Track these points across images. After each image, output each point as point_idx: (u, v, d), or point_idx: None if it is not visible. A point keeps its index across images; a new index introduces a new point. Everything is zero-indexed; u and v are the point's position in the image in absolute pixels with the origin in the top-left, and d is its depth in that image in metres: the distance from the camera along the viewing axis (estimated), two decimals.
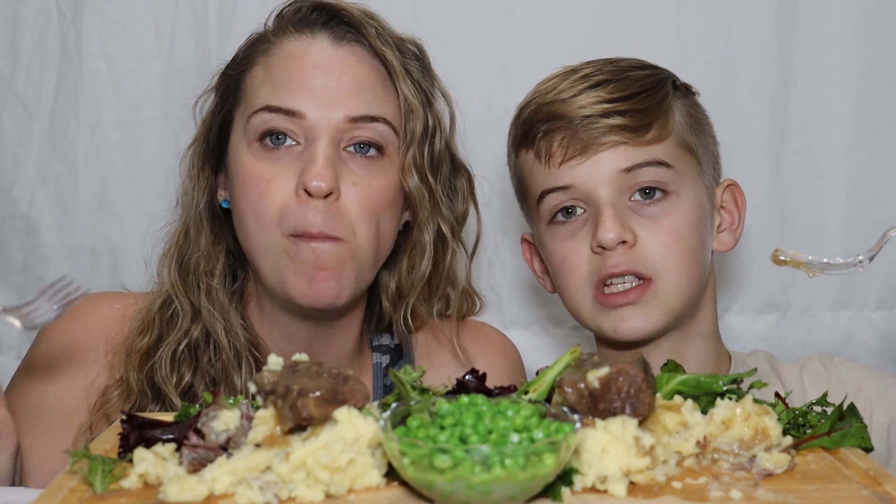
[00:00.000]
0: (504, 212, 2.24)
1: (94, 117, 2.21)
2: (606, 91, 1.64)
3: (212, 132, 1.70)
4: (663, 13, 2.23)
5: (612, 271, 1.62)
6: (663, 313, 1.65)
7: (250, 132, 1.61)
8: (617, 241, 1.61)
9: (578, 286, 1.68)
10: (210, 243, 1.69)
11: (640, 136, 1.63)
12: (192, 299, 1.67)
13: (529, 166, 1.71)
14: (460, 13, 2.22)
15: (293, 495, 1.06)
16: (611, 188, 1.63)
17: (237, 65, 1.70)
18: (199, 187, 1.70)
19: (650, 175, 1.64)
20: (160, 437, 1.15)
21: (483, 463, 0.98)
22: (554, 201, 1.67)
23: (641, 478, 1.09)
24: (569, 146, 1.63)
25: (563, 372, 1.19)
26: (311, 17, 1.66)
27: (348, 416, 1.08)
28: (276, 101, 1.60)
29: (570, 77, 1.68)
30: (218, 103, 1.70)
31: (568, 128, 1.64)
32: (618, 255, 1.62)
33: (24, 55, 2.21)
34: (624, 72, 1.68)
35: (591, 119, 1.62)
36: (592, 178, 1.63)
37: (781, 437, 1.18)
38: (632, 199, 1.64)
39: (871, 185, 2.26)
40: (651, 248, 1.63)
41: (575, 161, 1.63)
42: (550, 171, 1.66)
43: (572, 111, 1.64)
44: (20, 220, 2.24)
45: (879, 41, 2.23)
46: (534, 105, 1.69)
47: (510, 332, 2.10)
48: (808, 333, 2.31)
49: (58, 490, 1.08)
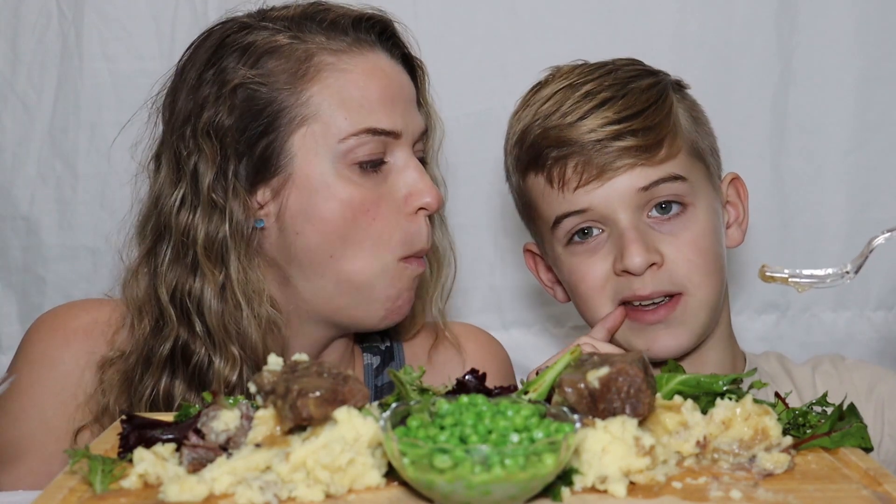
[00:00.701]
0: (504, 212, 2.24)
1: (94, 117, 2.21)
2: (613, 111, 1.62)
3: (241, 152, 1.55)
4: (663, 13, 2.23)
5: (638, 294, 1.61)
6: (696, 328, 1.64)
7: (344, 157, 1.54)
8: (645, 267, 1.59)
9: (603, 305, 1.66)
10: (259, 270, 1.57)
11: (653, 155, 1.61)
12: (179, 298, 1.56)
13: (540, 191, 1.68)
14: (460, 13, 2.22)
15: (293, 495, 1.06)
16: (629, 209, 1.61)
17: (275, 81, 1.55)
18: (235, 211, 1.54)
19: (667, 191, 1.62)
20: (160, 437, 1.15)
21: (483, 463, 0.98)
22: (570, 224, 1.65)
23: (641, 478, 1.09)
24: (584, 172, 1.61)
25: (563, 372, 1.19)
26: (360, 29, 1.61)
27: (348, 416, 1.08)
28: (376, 122, 1.55)
29: (573, 95, 1.65)
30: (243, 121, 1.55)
31: (580, 153, 1.61)
32: (644, 279, 1.61)
33: (24, 55, 2.21)
34: (625, 84, 1.65)
35: (603, 143, 1.60)
36: (610, 201, 1.61)
37: (781, 437, 1.18)
38: (649, 216, 1.63)
39: (871, 185, 2.26)
40: (677, 265, 1.62)
41: (591, 186, 1.61)
42: (565, 196, 1.63)
43: (582, 136, 1.61)
44: (20, 220, 2.24)
45: (879, 41, 2.23)
46: (538, 128, 1.66)
47: (510, 332, 2.11)
48: (808, 333, 2.32)
49: (58, 490, 1.08)
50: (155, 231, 1.59)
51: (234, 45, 1.58)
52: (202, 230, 1.53)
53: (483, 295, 2.30)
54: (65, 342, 1.63)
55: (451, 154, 2.02)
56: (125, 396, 1.57)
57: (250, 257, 1.56)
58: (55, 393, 1.60)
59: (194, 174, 1.55)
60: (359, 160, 1.55)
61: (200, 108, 1.55)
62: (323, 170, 1.55)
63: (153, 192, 1.61)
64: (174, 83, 1.63)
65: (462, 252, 2.13)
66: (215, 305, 1.54)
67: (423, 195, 1.58)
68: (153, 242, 1.59)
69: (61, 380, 1.61)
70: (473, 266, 2.27)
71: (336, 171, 1.55)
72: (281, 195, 1.56)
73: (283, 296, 1.60)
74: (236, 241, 1.54)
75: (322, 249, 1.55)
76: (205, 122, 1.54)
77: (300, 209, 1.55)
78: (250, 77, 1.55)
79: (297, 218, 1.55)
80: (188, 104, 1.57)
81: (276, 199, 1.56)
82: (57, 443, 1.58)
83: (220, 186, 1.54)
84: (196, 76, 1.59)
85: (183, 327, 1.55)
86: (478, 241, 2.27)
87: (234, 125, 1.54)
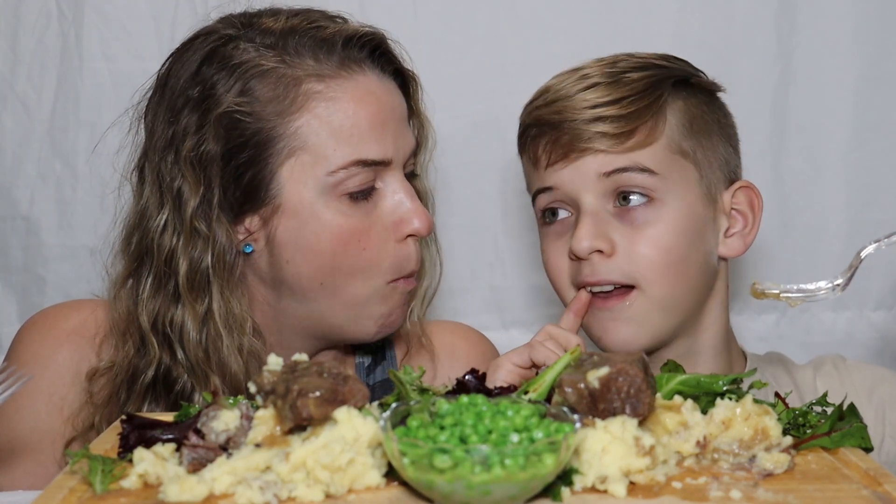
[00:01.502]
0: (505, 212, 2.24)
1: (94, 117, 2.21)
2: (597, 95, 1.63)
3: (227, 182, 1.52)
4: (663, 13, 2.23)
5: (586, 280, 1.62)
6: (648, 326, 1.63)
7: (334, 189, 1.52)
8: (589, 251, 1.60)
9: (565, 288, 1.68)
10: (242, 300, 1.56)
11: (621, 142, 1.61)
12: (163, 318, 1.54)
13: (526, 170, 1.74)
14: (460, 13, 2.22)
15: (293, 495, 1.06)
16: (592, 193, 1.62)
17: (260, 109, 1.51)
18: (219, 238, 1.52)
19: (631, 181, 1.61)
20: (160, 437, 1.15)
21: (483, 463, 0.98)
22: (543, 202, 1.68)
23: (641, 478, 1.09)
24: (552, 151, 1.64)
25: (563, 372, 1.19)
26: (351, 51, 1.56)
27: (348, 416, 1.08)
28: (366, 153, 1.52)
29: (572, 77, 1.68)
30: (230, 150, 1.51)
31: (554, 132, 1.64)
32: (593, 264, 1.61)
33: (24, 55, 2.21)
34: (622, 73, 1.66)
35: (577, 124, 1.61)
36: (574, 182, 1.63)
37: (781, 437, 1.18)
38: (615, 206, 1.63)
39: (871, 185, 2.27)
40: (631, 258, 1.61)
41: (559, 165, 1.63)
42: (539, 173, 1.67)
43: (560, 115, 1.64)
44: (20, 220, 2.24)
45: (878, 41, 2.23)
46: (529, 108, 1.70)
47: (510, 332, 2.11)
48: (808, 333, 2.32)
49: (58, 490, 1.08)
50: (138, 251, 1.57)
51: (220, 62, 1.53)
52: (185, 260, 1.51)
53: (483, 295, 2.30)
54: (56, 343, 1.62)
55: (452, 154, 2.02)
56: (114, 413, 1.55)
57: (233, 287, 1.54)
58: (48, 394, 1.60)
59: (177, 199, 1.52)
60: (349, 191, 1.53)
61: (184, 132, 1.52)
62: (312, 200, 1.52)
63: (138, 208, 1.59)
64: (156, 95, 1.59)
65: (462, 252, 2.13)
66: (195, 336, 1.52)
67: (413, 222, 1.57)
68: (136, 263, 1.57)
69: (54, 380, 1.60)
70: (473, 266, 2.27)
71: (325, 202, 1.52)
72: (270, 224, 1.54)
73: (273, 312, 1.60)
74: (219, 271, 1.52)
75: (313, 278, 1.55)
76: (188, 149, 1.51)
77: (290, 239, 1.53)
78: (236, 104, 1.50)
79: (287, 247, 1.54)
80: (171, 125, 1.54)
81: (265, 227, 1.54)
82: (51, 444, 1.58)
83: (205, 214, 1.51)
84: (180, 92, 1.55)
85: (165, 354, 1.54)
86: (478, 241, 2.27)
87: (219, 154, 1.51)
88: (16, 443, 1.59)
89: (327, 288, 1.55)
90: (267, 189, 1.52)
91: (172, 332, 1.53)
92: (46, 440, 1.58)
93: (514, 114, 2.16)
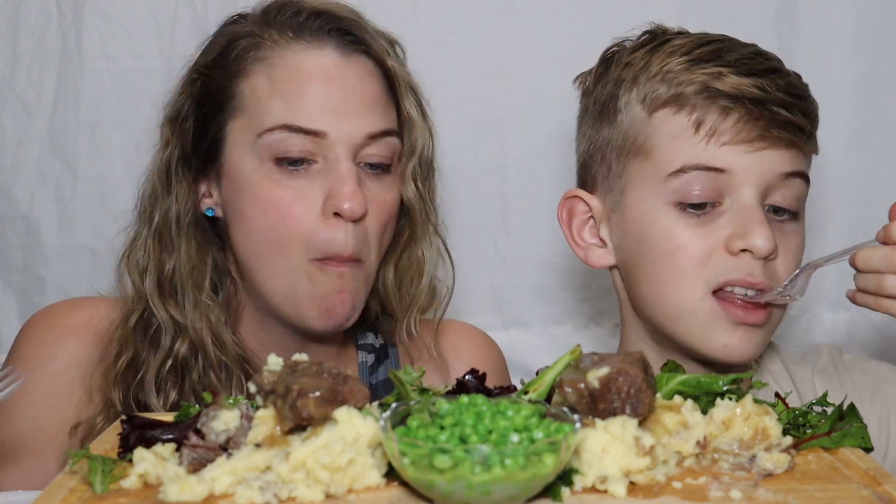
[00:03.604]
0: (504, 213, 2.24)
1: (95, 117, 2.21)
2: (786, 82, 1.51)
3: (194, 139, 1.60)
4: (663, 13, 2.21)
5: (747, 279, 1.48)
6: (768, 339, 1.56)
7: (262, 151, 1.54)
8: (769, 252, 1.47)
9: (694, 283, 1.50)
10: (197, 254, 1.60)
11: (808, 143, 1.52)
12: (175, 314, 1.59)
13: (676, 132, 1.51)
14: (460, 13, 2.22)
15: (293, 495, 1.06)
16: (763, 189, 1.49)
17: (224, 69, 1.59)
18: (180, 195, 1.60)
19: (797, 189, 1.52)
20: (160, 438, 1.15)
21: (483, 463, 0.98)
22: (696, 181, 1.49)
23: (641, 478, 1.09)
24: (742, 129, 1.47)
25: (563, 372, 1.19)
26: (312, 24, 1.58)
27: (348, 416, 1.08)
28: (295, 119, 1.52)
29: (735, 51, 1.53)
30: (198, 108, 1.60)
31: (744, 109, 1.48)
32: (758, 265, 1.48)
33: (24, 55, 2.21)
34: (782, 63, 1.57)
35: (770, 107, 1.48)
36: (751, 172, 1.48)
37: (781, 437, 1.18)
38: (767, 209, 1.52)
39: (871, 185, 2.26)
40: (780, 268, 1.51)
41: (742, 148, 1.48)
42: (707, 148, 1.48)
43: (750, 91, 1.48)
44: (20, 220, 2.24)
45: (878, 41, 2.23)
46: (694, 68, 1.52)
47: (510, 332, 2.11)
48: (808, 333, 2.32)
49: (58, 490, 1.08)
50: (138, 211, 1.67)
51: (218, 33, 1.65)
52: (157, 213, 1.61)
53: (483, 295, 2.30)
54: (59, 340, 1.62)
55: (452, 154, 2.02)
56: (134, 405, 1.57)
57: (202, 249, 1.60)
58: (49, 391, 1.60)
59: (157, 155, 1.63)
60: (276, 156, 1.53)
61: (177, 92, 1.63)
62: (245, 162, 1.56)
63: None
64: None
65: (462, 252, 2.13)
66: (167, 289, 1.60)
67: (341, 200, 1.51)
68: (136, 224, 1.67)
69: (56, 377, 1.61)
70: (473, 266, 2.27)
71: (256, 165, 1.54)
72: (221, 186, 1.60)
73: (245, 291, 1.64)
74: (183, 228, 1.59)
75: (248, 246, 1.57)
76: (169, 106, 1.63)
77: (230, 202, 1.58)
78: (203, 65, 1.61)
79: (229, 210, 1.59)
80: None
81: (219, 190, 1.61)
82: (51, 441, 1.58)
83: (170, 171, 1.60)
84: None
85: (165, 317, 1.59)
86: (478, 242, 2.27)
87: (187, 111, 1.60)
88: (16, 440, 1.59)
89: (259, 258, 1.55)
90: (217, 149, 1.59)
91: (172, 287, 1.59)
92: (45, 437, 1.58)
93: (515, 113, 2.17)
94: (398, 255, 1.69)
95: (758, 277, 1.48)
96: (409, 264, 1.70)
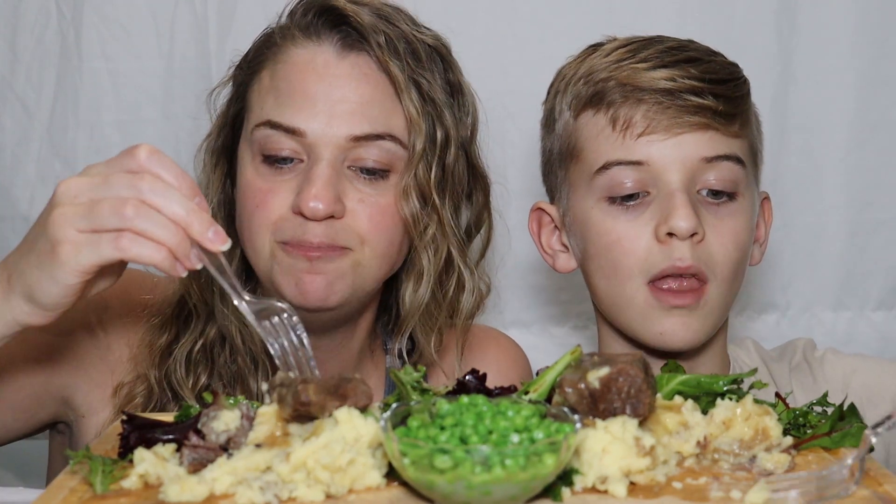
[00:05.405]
0: (504, 213, 2.23)
1: (94, 117, 2.21)
2: (699, 70, 1.54)
3: (225, 128, 1.66)
4: (663, 13, 2.23)
5: (677, 265, 1.51)
6: (708, 325, 1.57)
7: (254, 144, 1.58)
8: (691, 232, 1.50)
9: (632, 275, 1.55)
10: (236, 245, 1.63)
11: (727, 125, 1.53)
12: (207, 299, 1.63)
13: (597, 131, 1.57)
14: (460, 13, 2.22)
15: (293, 495, 1.06)
16: (686, 174, 1.53)
17: (249, 63, 1.65)
18: (213, 183, 1.66)
19: (726, 171, 1.54)
20: (160, 438, 1.15)
21: (483, 463, 0.98)
22: (620, 176, 1.55)
23: (641, 478, 1.09)
24: (653, 119, 1.52)
25: (564, 372, 1.19)
26: (318, 20, 1.58)
27: (349, 417, 1.09)
28: (278, 116, 1.54)
29: (653, 47, 1.58)
30: (232, 98, 1.67)
31: (654, 100, 1.52)
32: (684, 248, 1.51)
33: (24, 55, 2.21)
34: (711, 54, 1.60)
35: (681, 95, 1.51)
36: (670, 159, 1.52)
37: (782, 438, 1.18)
38: (699, 193, 1.55)
39: (871, 185, 2.26)
40: (713, 249, 1.53)
41: (657, 137, 1.52)
42: (625, 142, 1.54)
43: (661, 82, 1.52)
44: (20, 220, 2.24)
45: (878, 41, 2.23)
46: (612, 68, 1.57)
47: (510, 332, 2.10)
48: (808, 333, 2.31)
49: (58, 490, 1.08)
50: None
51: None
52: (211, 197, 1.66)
53: None
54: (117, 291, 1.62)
55: None
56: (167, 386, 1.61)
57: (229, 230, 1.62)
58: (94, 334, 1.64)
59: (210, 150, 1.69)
60: (262, 152, 1.57)
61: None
62: (243, 154, 1.61)
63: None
64: None
65: None
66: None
67: (305, 200, 1.51)
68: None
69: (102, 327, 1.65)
70: None
71: (249, 157, 1.59)
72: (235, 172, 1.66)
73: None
74: (219, 214, 1.64)
75: (242, 231, 1.61)
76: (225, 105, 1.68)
77: (235, 185, 1.64)
78: (238, 65, 1.68)
79: (235, 194, 1.65)
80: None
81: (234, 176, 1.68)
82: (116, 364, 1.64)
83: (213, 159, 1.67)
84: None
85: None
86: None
87: (227, 106, 1.67)
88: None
89: (246, 243, 1.61)
90: (239, 133, 1.64)
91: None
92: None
93: (515, 113, 2.17)
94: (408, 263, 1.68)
95: (687, 261, 1.52)
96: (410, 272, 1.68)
